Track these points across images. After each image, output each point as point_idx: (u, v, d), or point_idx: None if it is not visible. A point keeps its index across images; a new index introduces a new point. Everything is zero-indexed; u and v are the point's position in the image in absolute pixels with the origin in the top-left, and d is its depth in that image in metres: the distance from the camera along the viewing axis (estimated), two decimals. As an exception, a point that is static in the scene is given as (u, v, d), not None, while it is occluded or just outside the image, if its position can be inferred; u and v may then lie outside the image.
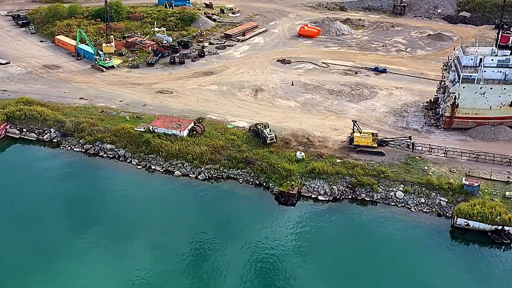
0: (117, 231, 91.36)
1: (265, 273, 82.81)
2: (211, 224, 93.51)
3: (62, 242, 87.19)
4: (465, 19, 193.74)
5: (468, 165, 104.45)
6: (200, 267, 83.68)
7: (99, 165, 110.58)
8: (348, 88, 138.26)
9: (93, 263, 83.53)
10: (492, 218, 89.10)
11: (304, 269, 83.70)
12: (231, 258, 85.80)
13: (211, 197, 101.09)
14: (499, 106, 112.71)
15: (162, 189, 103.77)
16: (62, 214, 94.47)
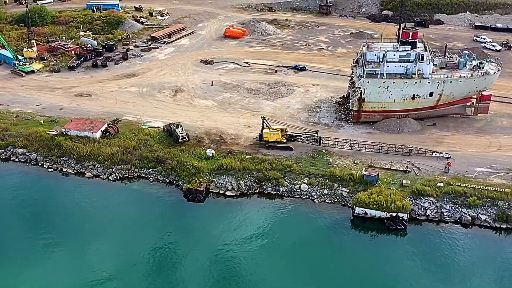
0: (25, 236, 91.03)
1: (169, 269, 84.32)
2: (118, 223, 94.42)
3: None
4: (387, 17, 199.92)
5: (372, 156, 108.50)
6: (104, 267, 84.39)
7: (10, 169, 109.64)
8: (266, 87, 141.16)
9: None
10: (387, 205, 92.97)
11: (208, 264, 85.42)
12: (136, 257, 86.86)
13: (121, 197, 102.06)
14: (402, 99, 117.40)
15: (72, 191, 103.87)
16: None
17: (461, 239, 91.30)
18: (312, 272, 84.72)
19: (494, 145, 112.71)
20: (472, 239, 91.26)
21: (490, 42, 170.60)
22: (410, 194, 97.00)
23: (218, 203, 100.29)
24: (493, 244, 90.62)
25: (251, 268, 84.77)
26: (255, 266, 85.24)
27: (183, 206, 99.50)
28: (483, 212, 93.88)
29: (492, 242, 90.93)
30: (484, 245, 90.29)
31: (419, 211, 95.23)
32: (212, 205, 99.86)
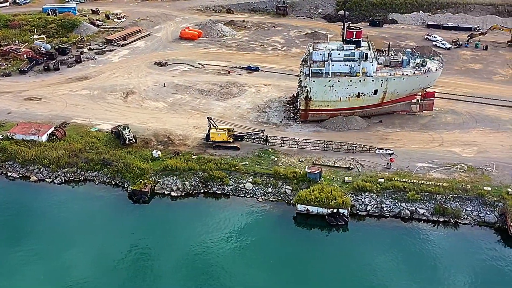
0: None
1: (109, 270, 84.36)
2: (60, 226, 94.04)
3: None
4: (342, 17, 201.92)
5: (317, 154, 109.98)
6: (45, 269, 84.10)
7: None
8: (218, 87, 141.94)
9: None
10: (328, 202, 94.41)
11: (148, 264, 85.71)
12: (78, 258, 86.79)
13: (65, 199, 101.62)
14: (347, 97, 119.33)
15: (17, 195, 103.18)
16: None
17: (400, 233, 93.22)
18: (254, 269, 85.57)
19: (437, 140, 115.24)
20: (410, 233, 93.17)
21: (441, 40, 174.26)
22: (351, 190, 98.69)
23: (163, 204, 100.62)
24: (431, 236, 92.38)
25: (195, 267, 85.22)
26: (199, 264, 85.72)
27: (127, 208, 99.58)
28: (421, 206, 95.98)
29: (430, 234, 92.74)
30: (422, 238, 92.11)
31: (360, 207, 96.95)
32: (157, 205, 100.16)
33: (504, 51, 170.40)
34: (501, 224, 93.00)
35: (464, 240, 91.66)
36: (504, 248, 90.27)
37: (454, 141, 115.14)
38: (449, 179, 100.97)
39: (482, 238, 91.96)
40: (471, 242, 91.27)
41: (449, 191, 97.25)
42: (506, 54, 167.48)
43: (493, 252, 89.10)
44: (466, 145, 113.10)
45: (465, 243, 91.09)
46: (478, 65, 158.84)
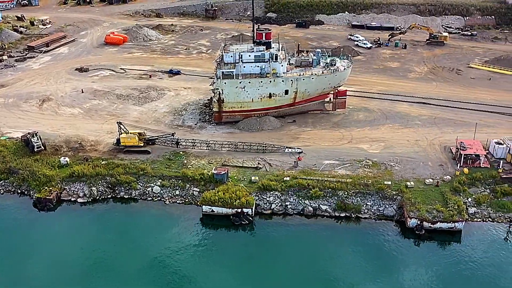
0: None
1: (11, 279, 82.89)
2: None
3: None
4: (270, 19, 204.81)
5: (228, 155, 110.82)
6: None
7: None
8: (137, 92, 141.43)
9: None
10: (232, 202, 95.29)
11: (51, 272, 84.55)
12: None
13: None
14: (259, 98, 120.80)
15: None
16: None
17: (303, 230, 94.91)
18: (158, 272, 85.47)
19: (346, 138, 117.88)
20: (313, 229, 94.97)
21: (362, 40, 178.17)
22: (257, 190, 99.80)
23: (69, 211, 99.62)
24: (332, 232, 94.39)
25: (100, 271, 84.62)
26: (102, 269, 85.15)
27: (32, 216, 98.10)
28: (324, 203, 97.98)
29: (332, 230, 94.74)
30: (324, 234, 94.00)
31: (264, 206, 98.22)
32: (63, 213, 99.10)
33: (422, 49, 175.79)
34: (399, 217, 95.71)
35: (364, 234, 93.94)
36: (402, 239, 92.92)
37: (363, 138, 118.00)
38: (353, 175, 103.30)
39: (381, 231, 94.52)
40: (371, 235, 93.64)
41: (351, 187, 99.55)
42: (424, 52, 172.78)
43: (391, 244, 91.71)
44: (374, 142, 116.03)
45: (365, 237, 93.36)
46: (396, 63, 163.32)
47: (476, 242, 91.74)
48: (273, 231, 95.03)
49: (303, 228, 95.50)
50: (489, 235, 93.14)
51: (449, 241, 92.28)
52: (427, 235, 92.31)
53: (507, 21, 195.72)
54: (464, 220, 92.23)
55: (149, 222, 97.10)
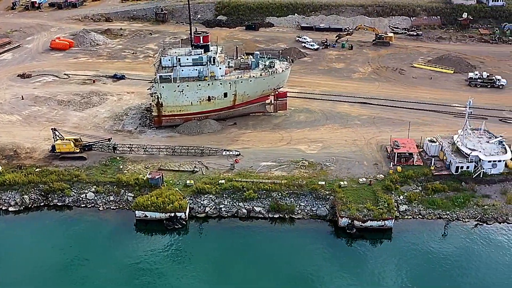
0: None
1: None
2: None
3: None
4: (221, 22, 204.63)
5: (165, 159, 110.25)
6: None
7: None
8: (79, 97, 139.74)
9: None
10: (164, 206, 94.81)
11: None
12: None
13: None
14: (198, 101, 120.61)
15: None
16: None
17: (236, 232, 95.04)
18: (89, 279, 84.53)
19: (286, 139, 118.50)
20: (246, 230, 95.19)
21: (310, 41, 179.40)
22: (191, 193, 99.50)
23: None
24: (266, 233, 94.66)
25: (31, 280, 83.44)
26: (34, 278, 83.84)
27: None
28: (258, 204, 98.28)
29: (265, 231, 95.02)
30: (258, 235, 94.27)
31: (198, 209, 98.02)
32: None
33: (368, 50, 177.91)
34: (331, 216, 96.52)
35: (298, 234, 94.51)
36: (334, 238, 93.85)
37: (302, 138, 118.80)
38: (288, 176, 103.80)
39: (314, 230, 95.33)
40: (304, 235, 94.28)
41: (285, 188, 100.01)
42: (369, 53, 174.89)
43: (323, 243, 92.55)
44: (313, 142, 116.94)
45: (298, 237, 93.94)
46: (341, 64, 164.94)
47: (407, 239, 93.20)
48: (207, 235, 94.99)
49: (237, 231, 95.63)
50: (419, 231, 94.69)
51: (380, 238, 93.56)
52: (359, 234, 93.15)
53: (452, 21, 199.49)
54: (393, 218, 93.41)
55: (81, 229, 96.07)
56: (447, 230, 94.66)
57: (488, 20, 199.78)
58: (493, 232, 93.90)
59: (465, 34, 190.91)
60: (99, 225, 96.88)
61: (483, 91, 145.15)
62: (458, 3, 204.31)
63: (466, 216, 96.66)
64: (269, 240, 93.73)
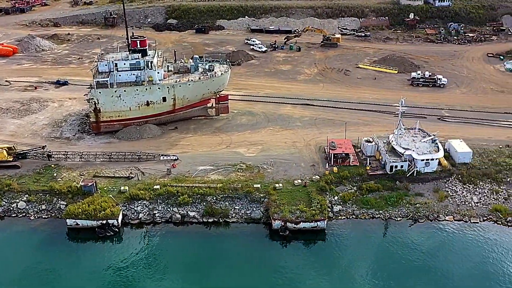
0: None
1: None
2: None
3: None
4: (171, 26, 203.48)
5: (102, 166, 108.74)
6: None
7: None
8: (19, 105, 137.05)
9: None
10: (96, 214, 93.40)
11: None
12: None
13: None
14: (137, 106, 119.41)
15: None
16: None
17: (170, 237, 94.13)
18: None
19: (225, 142, 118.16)
20: (180, 236, 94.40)
21: (258, 44, 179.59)
22: (125, 200, 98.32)
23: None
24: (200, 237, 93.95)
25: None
26: None
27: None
28: (192, 209, 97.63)
29: (200, 236, 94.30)
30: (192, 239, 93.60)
31: (132, 215, 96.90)
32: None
33: (316, 51, 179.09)
34: (266, 219, 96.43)
35: (232, 238, 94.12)
36: (268, 241, 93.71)
37: (242, 141, 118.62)
38: (224, 179, 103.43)
39: (249, 234, 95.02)
40: (238, 239, 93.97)
41: (220, 191, 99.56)
42: (316, 54, 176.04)
43: (257, 246, 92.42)
44: (252, 145, 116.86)
45: (232, 241, 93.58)
46: (288, 66, 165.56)
47: (339, 239, 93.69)
48: (140, 241, 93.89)
49: (170, 236, 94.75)
50: (352, 231, 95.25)
51: (314, 240, 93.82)
52: (292, 236, 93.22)
53: (400, 21, 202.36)
54: (326, 219, 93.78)
55: (11, 239, 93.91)
56: (380, 229, 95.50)
57: (435, 20, 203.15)
58: (424, 230, 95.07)
59: (412, 34, 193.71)
60: (28, 234, 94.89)
61: (424, 91, 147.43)
62: (406, 3, 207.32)
63: (398, 215, 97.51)
64: (203, 244, 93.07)
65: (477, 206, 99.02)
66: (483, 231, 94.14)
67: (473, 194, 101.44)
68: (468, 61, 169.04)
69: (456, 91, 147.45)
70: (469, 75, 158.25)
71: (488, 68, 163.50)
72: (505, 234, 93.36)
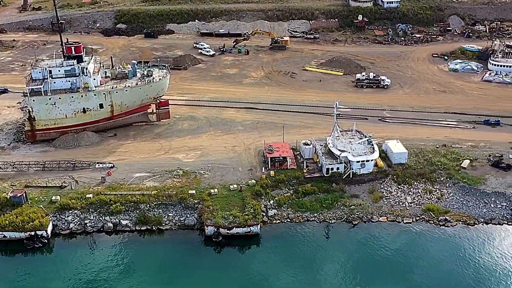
0: None
1: None
2: None
3: None
4: (120, 30, 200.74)
5: (35, 175, 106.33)
6: None
7: None
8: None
9: None
10: (23, 225, 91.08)
11: None
12: None
13: None
14: (73, 114, 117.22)
15: None
16: None
17: (102, 247, 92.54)
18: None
19: (164, 148, 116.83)
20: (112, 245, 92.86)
21: (206, 48, 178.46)
22: (56, 210, 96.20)
23: None
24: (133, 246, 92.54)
25: None
26: None
27: None
28: (125, 217, 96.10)
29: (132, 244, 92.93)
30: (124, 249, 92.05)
31: (63, 226, 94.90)
32: None
33: (264, 54, 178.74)
34: (200, 225, 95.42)
35: (165, 245, 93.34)
36: (202, 248, 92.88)
37: (182, 147, 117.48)
38: (160, 186, 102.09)
39: (182, 241, 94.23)
40: (171, 246, 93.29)
41: (154, 199, 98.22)
42: (264, 57, 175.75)
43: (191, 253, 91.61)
44: (192, 150, 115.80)
45: (165, 248, 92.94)
46: (235, 70, 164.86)
47: (273, 243, 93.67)
48: (71, 252, 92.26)
49: (102, 246, 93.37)
50: (286, 235, 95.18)
51: (248, 245, 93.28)
52: (226, 242, 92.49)
53: (349, 23, 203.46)
54: (259, 223, 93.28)
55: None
56: (313, 232, 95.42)
57: (384, 22, 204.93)
58: (358, 231, 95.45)
59: (361, 36, 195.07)
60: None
61: (368, 92, 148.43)
62: (355, 5, 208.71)
63: (333, 217, 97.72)
64: (136, 253, 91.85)
65: (411, 206, 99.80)
66: (414, 231, 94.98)
67: (407, 195, 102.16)
68: (413, 62, 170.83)
69: (399, 92, 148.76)
70: (413, 75, 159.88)
71: (432, 68, 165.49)
72: (435, 233, 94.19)
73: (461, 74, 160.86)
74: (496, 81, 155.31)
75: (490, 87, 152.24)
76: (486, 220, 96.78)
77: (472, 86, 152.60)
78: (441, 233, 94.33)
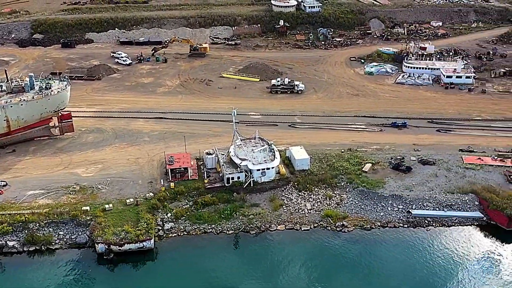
0: None
1: None
2: None
3: None
4: (36, 41, 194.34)
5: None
6: None
7: None
8: None
9: None
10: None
11: None
12: None
13: None
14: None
15: None
16: None
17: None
18: None
19: (64, 163, 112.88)
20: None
21: (123, 57, 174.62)
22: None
23: None
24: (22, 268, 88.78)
25: None
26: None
27: None
28: (12, 238, 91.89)
29: (21, 265, 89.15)
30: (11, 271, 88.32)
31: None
32: None
33: (183, 62, 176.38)
34: (91, 243, 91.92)
35: (55, 265, 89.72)
36: (94, 266, 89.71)
37: (83, 161, 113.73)
38: (53, 203, 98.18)
39: (73, 260, 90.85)
40: (62, 265, 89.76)
41: (44, 217, 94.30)
42: (182, 65, 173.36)
43: (82, 272, 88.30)
44: (92, 164, 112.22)
45: (55, 268, 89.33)
46: (150, 79, 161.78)
47: (168, 258, 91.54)
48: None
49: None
50: (182, 248, 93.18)
51: (142, 261, 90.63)
52: (118, 259, 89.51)
53: (271, 28, 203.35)
54: (152, 238, 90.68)
55: None
56: (209, 244, 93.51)
57: (306, 26, 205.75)
58: (254, 241, 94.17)
59: (282, 41, 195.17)
60: None
61: (283, 97, 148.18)
62: (278, 11, 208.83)
63: (231, 228, 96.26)
64: (24, 275, 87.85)
65: (310, 213, 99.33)
66: (311, 238, 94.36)
67: (307, 201, 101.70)
68: (331, 66, 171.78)
69: (313, 96, 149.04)
70: (329, 79, 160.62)
71: (348, 72, 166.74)
72: (332, 239, 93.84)
73: (376, 77, 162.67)
74: (409, 83, 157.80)
75: (402, 89, 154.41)
76: (382, 224, 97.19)
77: (385, 89, 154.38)
78: (337, 239, 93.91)
